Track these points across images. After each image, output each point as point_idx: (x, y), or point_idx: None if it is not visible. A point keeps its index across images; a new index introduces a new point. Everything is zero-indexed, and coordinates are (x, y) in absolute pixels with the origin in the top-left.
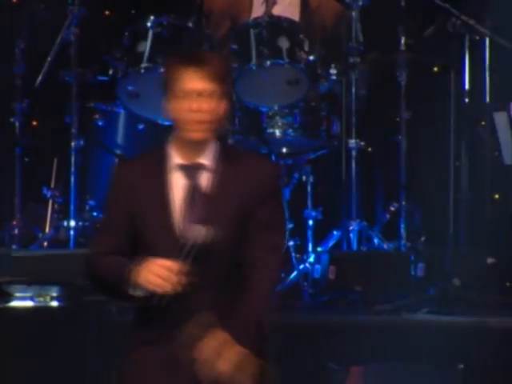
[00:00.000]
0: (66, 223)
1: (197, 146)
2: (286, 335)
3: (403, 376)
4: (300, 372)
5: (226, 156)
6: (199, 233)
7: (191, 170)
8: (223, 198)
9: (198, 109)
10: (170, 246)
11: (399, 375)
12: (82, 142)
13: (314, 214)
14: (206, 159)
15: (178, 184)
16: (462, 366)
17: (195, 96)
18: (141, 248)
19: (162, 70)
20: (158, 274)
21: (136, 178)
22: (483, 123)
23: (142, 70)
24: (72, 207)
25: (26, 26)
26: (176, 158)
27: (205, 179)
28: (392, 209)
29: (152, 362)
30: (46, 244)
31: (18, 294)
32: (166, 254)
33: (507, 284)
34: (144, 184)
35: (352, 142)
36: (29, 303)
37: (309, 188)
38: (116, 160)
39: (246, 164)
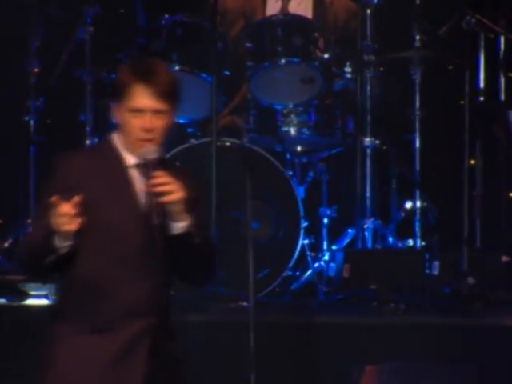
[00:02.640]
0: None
1: None
2: (301, 333)
3: (417, 375)
4: (314, 370)
5: (162, 160)
6: (151, 150)
7: (146, 168)
8: None
9: (150, 128)
10: (137, 234)
11: (413, 374)
12: (96, 140)
13: (328, 212)
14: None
15: (138, 179)
16: (475, 365)
17: (149, 114)
18: (94, 238)
19: (176, 68)
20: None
21: (85, 171)
22: (498, 122)
23: None
24: None
25: (40, 25)
26: (127, 155)
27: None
28: (407, 207)
29: (103, 351)
30: None
31: (33, 293)
32: (131, 243)
33: None
34: (99, 178)
35: (367, 141)
36: (44, 301)
37: (323, 186)
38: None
39: (175, 170)
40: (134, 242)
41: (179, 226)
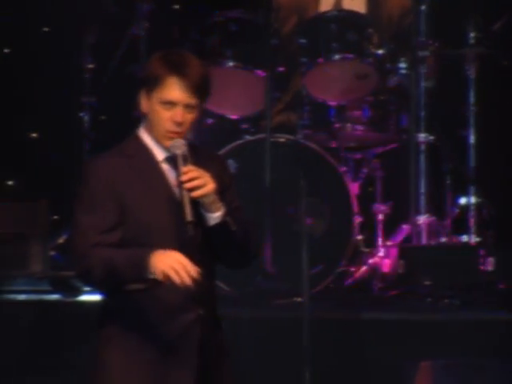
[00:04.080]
0: None
1: None
2: (355, 329)
3: (472, 371)
4: (369, 367)
5: (192, 147)
6: (179, 143)
7: (175, 163)
8: None
9: (181, 121)
10: (177, 229)
11: (468, 370)
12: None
13: (383, 208)
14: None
15: (170, 172)
16: None
17: (180, 107)
18: (135, 237)
19: (230, 64)
20: (179, 267)
21: (119, 172)
22: None
23: (211, 65)
24: None
25: (94, 21)
26: (156, 150)
27: None
28: (461, 203)
29: (154, 347)
30: None
31: (86, 289)
32: (172, 239)
33: None
34: (133, 177)
35: (421, 136)
36: (97, 297)
37: (378, 182)
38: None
39: (206, 156)
40: (173, 237)
41: (214, 216)
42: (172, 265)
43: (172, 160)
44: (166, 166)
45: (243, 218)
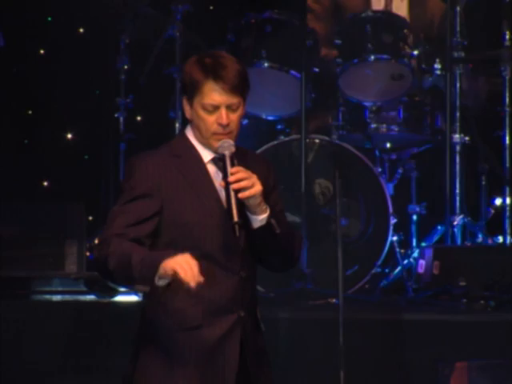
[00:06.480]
0: None
1: None
2: (390, 330)
3: (507, 373)
4: (404, 367)
5: (238, 148)
6: (228, 144)
7: (223, 164)
8: None
9: (227, 123)
10: (222, 231)
11: (503, 372)
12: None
13: (417, 208)
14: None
15: (216, 173)
16: None
17: (223, 109)
18: (180, 238)
19: (266, 65)
20: (186, 266)
21: (164, 171)
22: None
23: (246, 66)
24: None
25: (130, 22)
26: (203, 150)
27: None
28: (496, 204)
29: (195, 349)
30: None
31: (122, 289)
32: (217, 241)
33: None
34: (179, 176)
35: (456, 137)
36: (133, 298)
37: (412, 183)
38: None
39: (251, 158)
40: (217, 238)
41: (259, 218)
42: (181, 263)
43: (219, 161)
44: (212, 167)
45: (287, 221)
